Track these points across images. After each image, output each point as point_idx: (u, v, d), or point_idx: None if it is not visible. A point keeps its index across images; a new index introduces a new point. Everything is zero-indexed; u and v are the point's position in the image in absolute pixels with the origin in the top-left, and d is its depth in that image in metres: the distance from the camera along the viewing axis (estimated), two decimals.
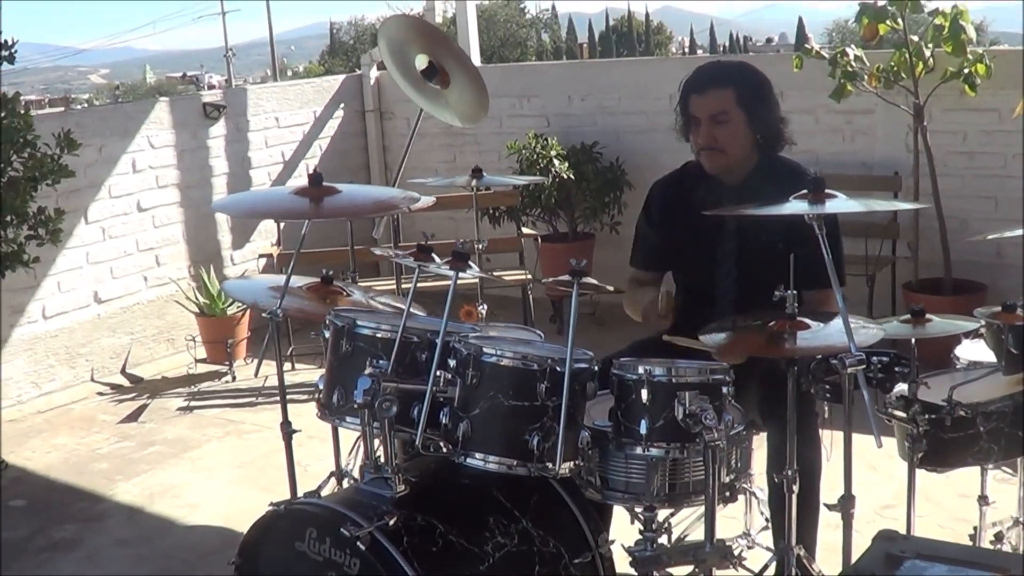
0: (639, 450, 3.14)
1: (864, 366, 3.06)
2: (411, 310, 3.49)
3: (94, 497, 5.81)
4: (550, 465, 3.10)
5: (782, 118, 4.27)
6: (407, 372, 3.34)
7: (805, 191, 3.29)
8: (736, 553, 3.27)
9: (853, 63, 6.89)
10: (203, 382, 7.56)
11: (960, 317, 3.81)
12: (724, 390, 3.14)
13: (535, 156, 8.01)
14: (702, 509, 4.09)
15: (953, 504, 4.91)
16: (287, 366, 7.11)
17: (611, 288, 3.40)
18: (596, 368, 3.26)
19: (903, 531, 4.68)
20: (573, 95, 8.65)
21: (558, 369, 3.12)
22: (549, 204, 8.08)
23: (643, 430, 3.10)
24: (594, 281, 3.24)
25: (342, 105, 9.36)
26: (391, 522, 3.11)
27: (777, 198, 3.40)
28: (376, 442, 3.29)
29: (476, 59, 9.38)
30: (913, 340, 3.59)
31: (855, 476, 3.38)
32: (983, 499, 4.02)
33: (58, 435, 6.77)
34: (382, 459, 3.29)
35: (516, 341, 3.59)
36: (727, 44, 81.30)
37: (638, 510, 3.25)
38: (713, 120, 4.13)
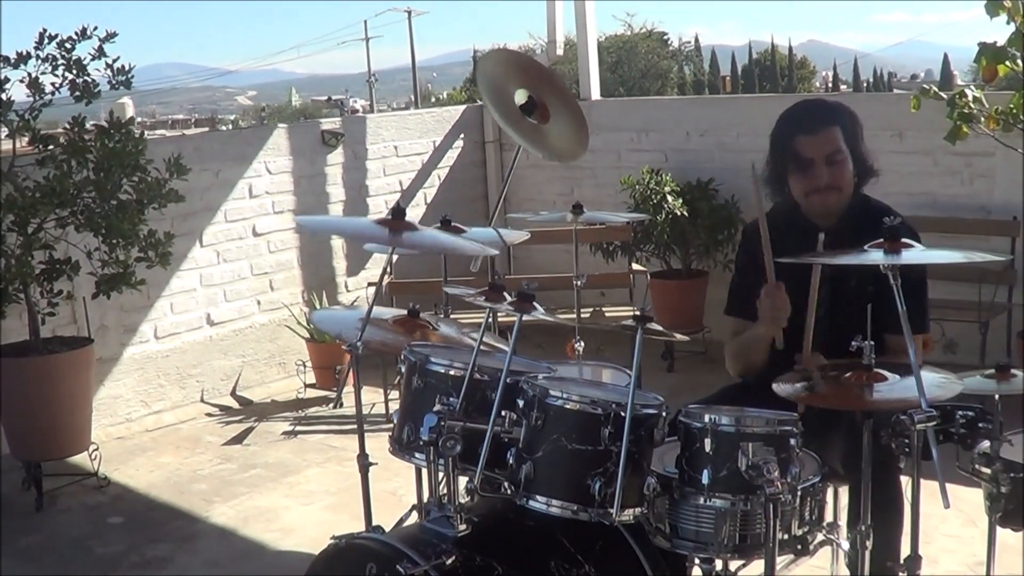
0: (701, 500, 3.07)
1: (934, 423, 2.95)
2: (492, 347, 3.48)
3: (190, 517, 5.90)
4: (610, 511, 3.05)
5: (868, 149, 4.18)
6: (477, 411, 3.32)
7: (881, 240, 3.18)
8: None
9: (972, 104, 6.72)
10: (311, 407, 7.63)
11: None
12: (792, 442, 3.07)
13: (648, 192, 7.97)
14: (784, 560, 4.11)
15: None
16: (393, 394, 7.13)
17: (677, 336, 3.34)
18: (665, 414, 3.21)
19: None
20: (692, 131, 8.58)
21: (623, 414, 3.08)
22: (662, 240, 8.01)
23: (705, 480, 3.04)
24: (659, 327, 3.19)
25: (462, 135, 9.40)
26: (448, 561, 3.09)
27: (869, 241, 3.31)
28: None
29: (596, 92, 9.39)
30: (997, 396, 3.47)
31: (953, 530, 3.30)
32: None
33: (163, 454, 6.88)
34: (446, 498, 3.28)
35: (589, 383, 3.55)
36: (871, 80, 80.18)
37: (697, 560, 3.18)
38: (828, 160, 4.04)
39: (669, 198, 7.91)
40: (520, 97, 4.81)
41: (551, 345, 6.35)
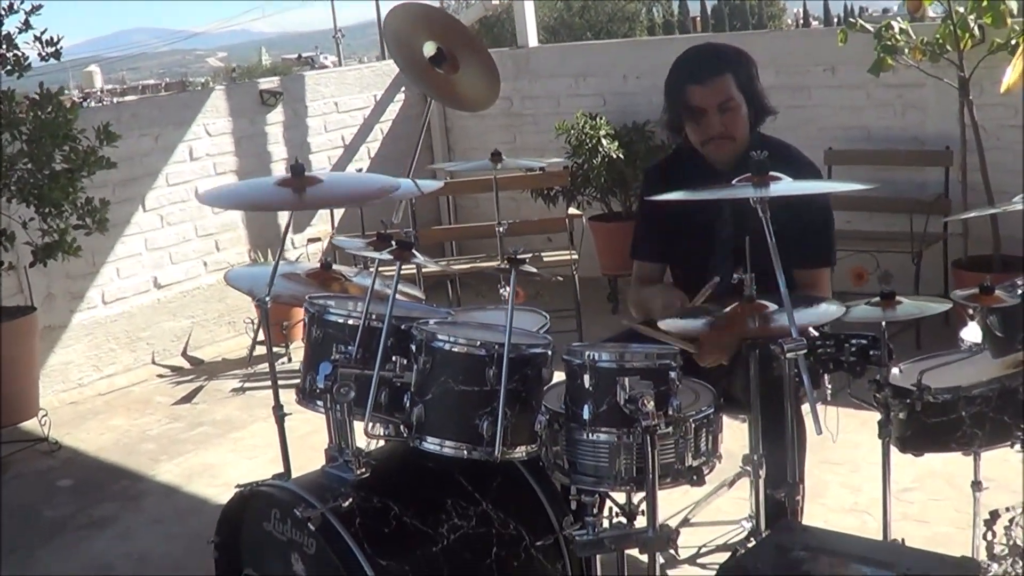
0: (584, 435, 3.15)
1: (804, 351, 3.04)
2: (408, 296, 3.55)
3: (136, 477, 6.00)
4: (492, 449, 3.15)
5: (762, 89, 4.20)
6: (375, 358, 3.40)
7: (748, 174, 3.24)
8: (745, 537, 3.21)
9: (898, 36, 6.79)
10: (261, 364, 7.69)
11: (939, 299, 3.77)
12: (672, 375, 3.14)
13: (583, 136, 8.02)
14: (702, 492, 4.21)
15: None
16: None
17: (554, 278, 3.42)
18: (551, 352, 3.30)
19: (918, 514, 4.73)
20: (628, 74, 8.63)
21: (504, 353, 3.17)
22: (600, 183, 8.08)
23: (586, 415, 3.11)
24: (532, 269, 3.27)
25: (403, 89, 9.42)
26: (344, 504, 3.19)
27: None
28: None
29: (533, 39, 9.41)
30: (883, 323, 3.56)
31: (876, 457, 3.39)
32: (976, 484, 3.95)
33: (114, 417, 6.97)
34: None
35: (480, 327, 3.63)
36: (841, 15, 79.80)
37: (573, 494, 3.26)
38: (720, 109, 4.06)
39: (604, 141, 7.97)
40: (429, 49, 4.86)
41: (489, 292, 6.43)
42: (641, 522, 3.35)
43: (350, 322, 3.55)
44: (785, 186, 3.22)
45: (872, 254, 7.17)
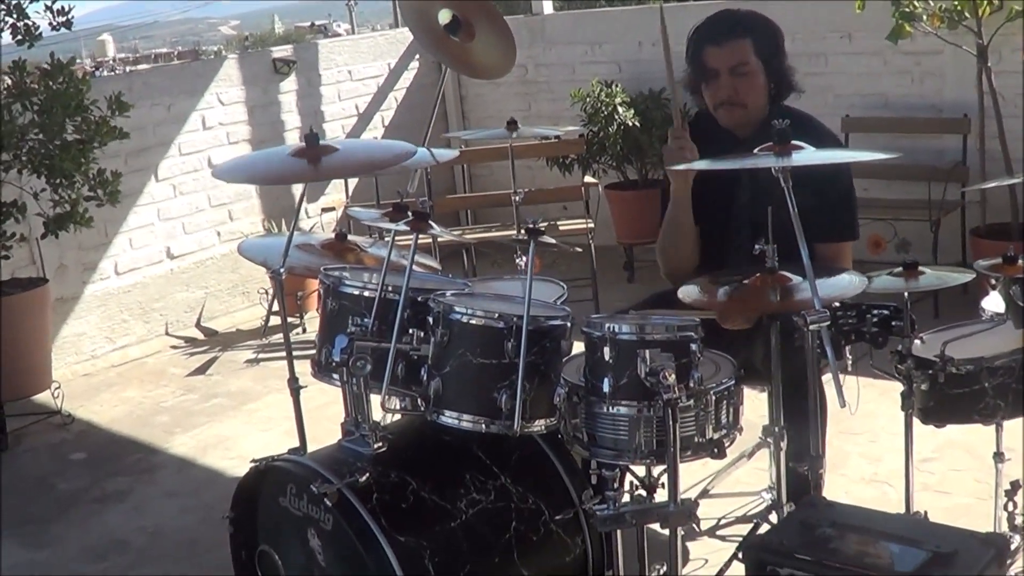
0: (605, 408, 3.11)
1: (827, 323, 2.99)
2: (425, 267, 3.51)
3: (150, 449, 5.98)
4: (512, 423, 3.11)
5: (791, 66, 4.14)
6: (391, 330, 3.36)
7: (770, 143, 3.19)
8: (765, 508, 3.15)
9: (916, 3, 6.71)
10: (275, 334, 7.65)
11: (963, 270, 3.71)
12: (692, 347, 3.09)
13: (599, 104, 7.96)
14: (721, 463, 4.18)
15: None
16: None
17: (572, 248, 3.36)
18: (570, 324, 3.26)
19: (938, 485, 4.69)
20: (644, 41, 8.55)
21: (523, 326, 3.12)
22: (616, 151, 8.02)
23: (606, 388, 3.07)
24: (551, 240, 3.22)
25: (417, 56, 9.35)
26: (362, 479, 3.15)
27: None
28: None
29: (548, 7, 9.34)
30: (905, 294, 3.51)
31: (898, 428, 3.34)
32: (999, 456, 3.90)
33: (128, 389, 6.95)
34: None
35: (498, 298, 3.59)
36: None
37: (593, 468, 3.22)
38: (733, 72, 4.00)
39: (620, 109, 7.91)
40: (444, 17, 4.80)
41: (505, 261, 6.39)
42: (661, 495, 3.33)
43: (366, 294, 3.51)
44: (807, 155, 3.18)
45: (889, 222, 7.13)
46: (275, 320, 7.59)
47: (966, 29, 6.67)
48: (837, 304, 3.42)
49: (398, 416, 3.60)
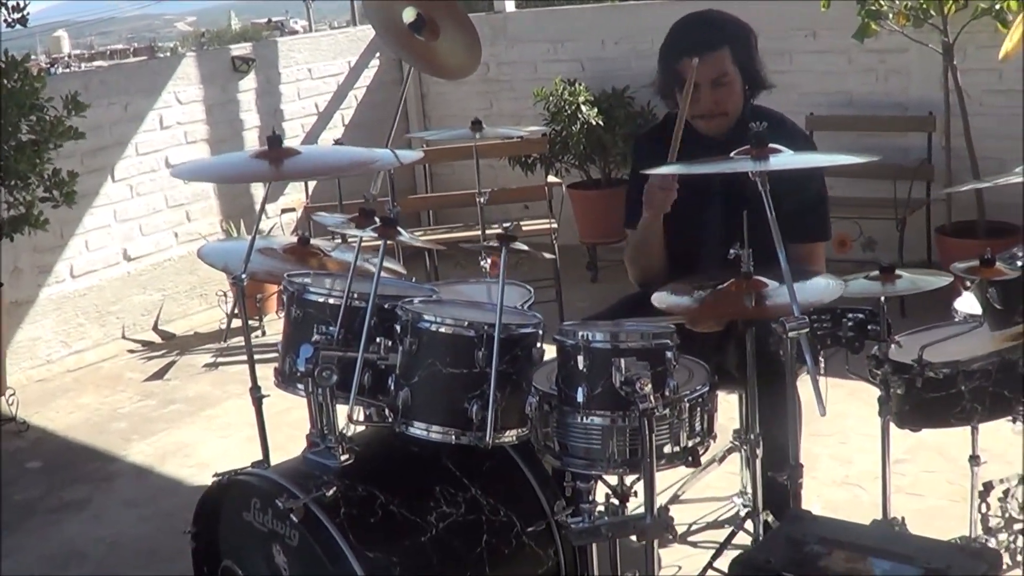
0: (579, 418, 3.03)
1: (806, 330, 2.91)
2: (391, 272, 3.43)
3: (108, 457, 5.86)
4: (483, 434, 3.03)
5: (762, 61, 4.06)
6: (357, 339, 3.26)
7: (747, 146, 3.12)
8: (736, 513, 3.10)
9: (882, 1, 6.66)
10: (234, 337, 7.53)
11: (939, 272, 3.65)
12: (668, 354, 3.02)
13: (562, 103, 7.89)
14: (690, 469, 4.10)
15: (966, 460, 4.77)
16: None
17: (547, 256, 3.29)
18: (542, 332, 3.18)
19: (910, 487, 4.64)
20: (607, 39, 8.49)
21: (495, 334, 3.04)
22: (579, 150, 7.95)
23: (580, 398, 2.99)
24: (524, 247, 3.14)
25: (378, 54, 9.25)
26: (328, 493, 3.06)
27: None
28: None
29: (509, 3, 9.27)
30: (882, 298, 3.45)
31: (869, 429, 3.28)
32: (974, 459, 3.85)
33: (84, 394, 6.82)
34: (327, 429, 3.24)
35: (467, 304, 3.50)
36: None
37: (568, 481, 3.15)
38: (713, 84, 3.92)
39: (583, 108, 7.84)
40: (408, 15, 4.71)
41: (468, 263, 6.32)
42: (634, 503, 3.27)
43: (331, 301, 3.41)
44: (785, 159, 3.10)
45: (855, 221, 7.10)
46: (235, 322, 7.49)
47: (932, 27, 6.64)
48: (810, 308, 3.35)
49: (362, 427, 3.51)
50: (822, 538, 2.36)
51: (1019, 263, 3.47)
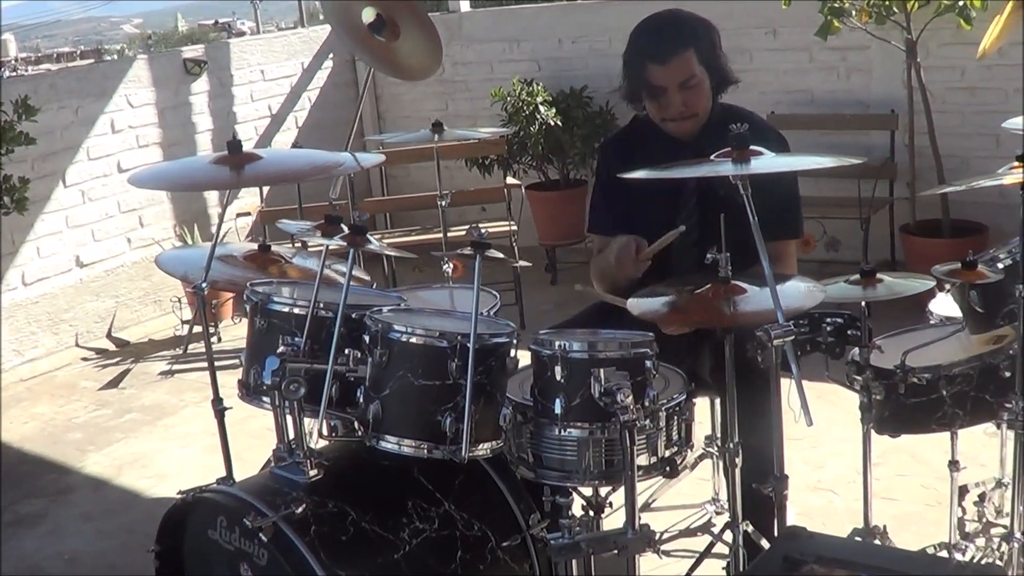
0: (556, 431, 2.94)
1: (792, 337, 2.83)
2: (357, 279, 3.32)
3: (63, 469, 5.73)
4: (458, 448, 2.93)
5: (725, 56, 3.98)
6: (324, 350, 3.16)
7: (728, 148, 3.03)
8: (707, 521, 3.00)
9: None
10: (189, 343, 7.40)
11: (920, 276, 3.56)
12: (647, 364, 2.94)
13: (520, 103, 7.80)
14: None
15: (941, 463, 4.69)
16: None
17: (521, 263, 3.19)
18: (516, 341, 3.09)
19: (885, 492, 4.57)
20: (564, 38, 8.41)
21: (469, 345, 2.94)
22: (537, 151, 7.86)
23: (558, 410, 2.90)
24: (499, 255, 3.04)
25: (331, 55, 9.14)
26: (298, 510, 2.96)
27: None
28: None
29: (465, 2, 9.16)
30: (863, 303, 3.37)
31: (841, 433, 3.19)
32: (954, 464, 3.78)
33: (38, 404, 6.68)
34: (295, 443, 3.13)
35: (436, 313, 3.40)
36: None
37: (547, 497, 3.06)
38: (681, 87, 3.83)
39: (542, 108, 7.76)
40: (368, 15, 4.62)
41: (430, 267, 6.21)
42: (607, 513, 3.19)
43: (296, 311, 3.31)
44: (767, 162, 3.02)
45: (819, 220, 7.05)
46: (187, 329, 7.38)
47: (894, 24, 6.59)
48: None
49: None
50: (820, 557, 2.28)
51: (1000, 265, 3.40)
